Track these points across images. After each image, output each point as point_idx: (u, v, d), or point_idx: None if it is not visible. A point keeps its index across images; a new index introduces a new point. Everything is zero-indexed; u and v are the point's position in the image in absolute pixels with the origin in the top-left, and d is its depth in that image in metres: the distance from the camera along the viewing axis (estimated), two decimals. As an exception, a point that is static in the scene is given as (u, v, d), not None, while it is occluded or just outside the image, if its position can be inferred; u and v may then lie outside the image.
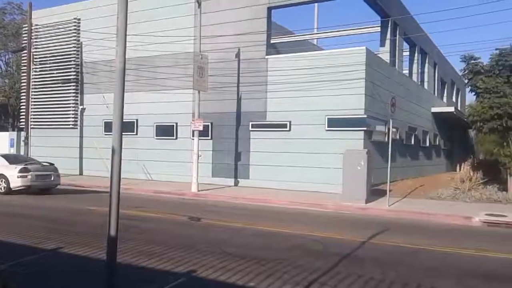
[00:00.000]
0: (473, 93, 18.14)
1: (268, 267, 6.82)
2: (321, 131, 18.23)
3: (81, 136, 25.04)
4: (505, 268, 7.19)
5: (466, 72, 17.70)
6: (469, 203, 15.72)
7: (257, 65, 19.64)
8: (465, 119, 17.87)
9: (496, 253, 8.32)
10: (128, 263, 6.93)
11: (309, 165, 18.33)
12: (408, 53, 26.05)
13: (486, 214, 12.89)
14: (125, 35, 3.87)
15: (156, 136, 22.54)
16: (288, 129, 19.05)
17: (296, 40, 25.59)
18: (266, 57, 19.62)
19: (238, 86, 20.10)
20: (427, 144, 26.77)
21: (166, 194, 17.86)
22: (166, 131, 22.17)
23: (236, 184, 20.19)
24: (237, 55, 19.98)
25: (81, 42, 24.94)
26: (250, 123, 19.86)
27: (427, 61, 27.74)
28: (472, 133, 33.21)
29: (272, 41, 21.41)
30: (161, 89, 21.80)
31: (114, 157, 3.76)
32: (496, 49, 16.86)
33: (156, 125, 22.53)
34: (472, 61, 17.44)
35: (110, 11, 21.40)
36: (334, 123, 17.97)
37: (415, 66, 26.12)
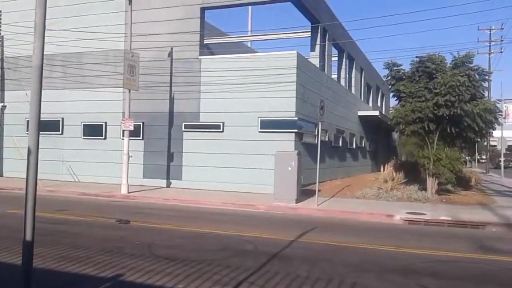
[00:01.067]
0: (396, 98, 19.20)
1: (198, 269, 6.80)
2: (254, 133, 18.45)
3: (1, 135, 23.45)
4: (422, 263, 7.68)
5: (389, 78, 18.68)
6: (392, 202, 16.61)
7: (191, 65, 19.48)
8: (389, 122, 18.85)
9: (414, 249, 8.87)
10: (51, 268, 6.61)
11: (242, 166, 18.48)
12: (336, 58, 27.08)
13: (407, 213, 13.71)
14: (44, 31, 3.70)
15: (84, 135, 21.63)
16: (221, 130, 19.07)
17: (230, 42, 25.72)
18: (200, 57, 19.52)
19: (171, 86, 19.81)
20: (354, 146, 27.95)
21: (94, 196, 17.19)
22: (94, 130, 21.34)
23: (168, 185, 19.88)
24: (170, 55, 19.70)
25: (2, 36, 23.36)
26: (183, 123, 19.65)
27: (354, 67, 29.00)
28: (395, 135, 35.12)
29: (205, 42, 21.35)
30: (90, 87, 20.94)
31: (30, 158, 3.58)
32: (416, 56, 17.98)
33: (84, 124, 21.62)
34: (395, 68, 18.45)
35: (32, 4, 20.17)
36: (267, 124, 18.25)
37: (343, 71, 27.20)
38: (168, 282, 6.11)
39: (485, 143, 47.20)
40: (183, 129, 19.68)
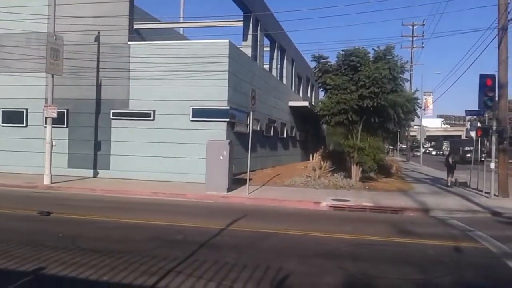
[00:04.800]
0: (323, 90, 19.83)
1: (124, 260, 6.69)
2: (185, 121, 18.27)
3: None
4: (344, 247, 8.09)
5: (317, 70, 19.25)
6: (319, 189, 17.25)
7: (119, 50, 18.83)
8: (317, 113, 19.44)
9: (338, 234, 9.31)
10: (-38, 265, 6.20)
11: (173, 155, 18.28)
12: (268, 49, 27.41)
13: (333, 199, 14.32)
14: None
15: (3, 123, 20.29)
16: (152, 118, 18.70)
17: (161, 28, 25.13)
18: (129, 42, 18.92)
19: (98, 72, 19.05)
20: (285, 135, 28.58)
21: (14, 187, 16.21)
22: (14, 117, 20.07)
23: (95, 175, 19.20)
24: (97, 39, 18.91)
25: None
26: (111, 111, 19.01)
27: (285, 58, 29.53)
28: (324, 125, 36.37)
29: (135, 27, 20.72)
30: (10, 71, 19.59)
31: None
32: (342, 50, 18.65)
33: (3, 111, 20.26)
34: (322, 60, 19.04)
35: None
36: (199, 113, 18.15)
37: (274, 61, 27.59)
38: (92, 275, 5.96)
39: (406, 133, 50.21)
40: (111, 117, 19.04)
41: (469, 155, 42.70)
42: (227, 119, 18.12)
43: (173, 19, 29.83)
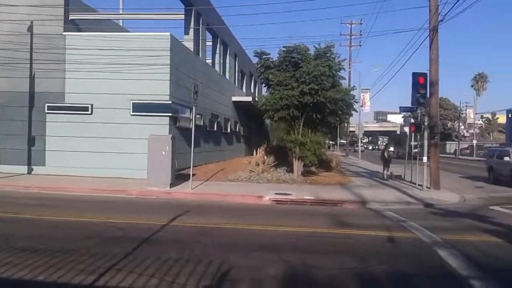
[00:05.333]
0: (265, 85, 20.05)
1: (61, 259, 6.45)
2: (126, 116, 17.82)
3: None
4: (286, 239, 8.27)
5: (259, 66, 19.42)
6: (262, 184, 17.47)
7: (54, 41, 18.00)
8: (260, 108, 19.64)
9: (280, 227, 9.49)
10: None
11: (113, 151, 17.78)
12: (211, 43, 27.24)
13: (275, 193, 14.56)
14: None
15: None
16: (89, 112, 18.07)
17: (99, 19, 24.23)
18: (64, 33, 18.14)
19: (31, 63, 18.10)
20: (229, 130, 28.60)
21: None
22: None
23: (29, 172, 18.28)
24: (30, 29, 17.94)
25: None
26: (46, 104, 18.16)
27: (228, 53, 29.47)
28: (268, 121, 36.75)
29: (71, 17, 19.86)
30: None
31: None
32: (283, 46, 18.91)
33: None
34: (264, 57, 19.22)
35: None
36: (139, 108, 17.76)
37: (217, 56, 27.48)
38: (27, 274, 5.71)
39: (345, 129, 51.87)
40: (46, 111, 18.20)
41: (416, 150, 43.61)
42: (170, 114, 17.86)
43: (113, 10, 28.83)
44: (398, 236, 8.80)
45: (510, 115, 69.16)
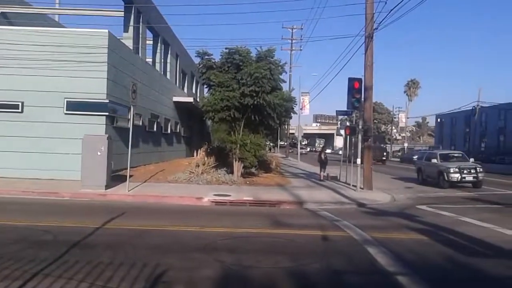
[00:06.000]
0: (206, 86, 19.97)
1: (-17, 265, 6.08)
2: (59, 115, 17.09)
3: None
4: (223, 240, 8.30)
5: (201, 66, 19.31)
6: (202, 185, 17.39)
7: (-18, 35, 16.90)
8: (202, 109, 19.54)
9: (217, 228, 9.51)
10: None
11: (45, 151, 16.99)
12: (151, 42, 26.76)
13: (214, 195, 14.56)
14: None
15: None
16: (20, 110, 17.15)
17: (33, 13, 23.05)
18: (-7, 27, 17.09)
19: (-46, 57, 16.87)
20: (169, 131, 28.20)
21: None
22: None
23: (-50, 173, 17.01)
24: (-47, 20, 16.75)
25: None
26: (-29, 101, 17.00)
27: (169, 52, 29.07)
28: (209, 122, 36.60)
29: (2, 10, 18.78)
30: None
31: None
32: (226, 48, 18.94)
33: None
34: (206, 57, 19.14)
35: None
36: (74, 106, 17.10)
37: (158, 55, 27.03)
38: None
39: (286, 131, 52.79)
40: (-28, 108, 17.04)
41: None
42: (106, 113, 17.34)
43: (48, 4, 27.46)
44: (331, 235, 9.09)
45: (439, 120, 73.69)
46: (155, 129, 24.75)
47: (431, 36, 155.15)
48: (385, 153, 46.05)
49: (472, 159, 21.63)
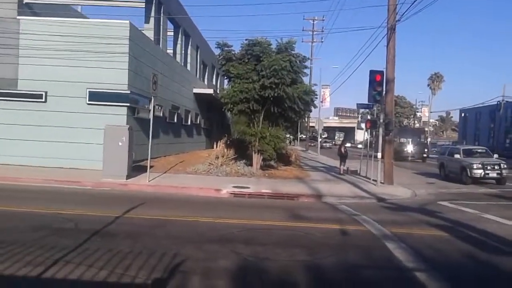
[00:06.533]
0: (226, 77, 19.98)
1: (7, 250, 6.25)
2: (82, 105, 17.35)
3: None
4: (239, 232, 8.33)
5: (220, 57, 19.33)
6: (221, 177, 17.47)
7: (7, 25, 17.25)
8: (221, 101, 19.58)
9: (235, 220, 9.56)
10: None
11: (68, 141, 17.30)
12: (172, 33, 26.85)
13: (233, 186, 14.60)
14: None
15: None
16: (44, 100, 17.48)
17: (56, 4, 23.34)
18: (18, 17, 17.41)
19: (-19, 48, 17.26)
20: (189, 122, 28.36)
21: None
22: None
23: (-23, 160, 17.48)
24: (-19, 11, 17.10)
25: None
26: (-3, 91, 17.40)
27: (190, 44, 29.13)
28: (229, 113, 36.76)
29: (26, 1, 19.06)
30: None
31: None
32: (246, 39, 18.90)
33: None
34: (226, 48, 19.14)
35: None
36: (96, 97, 17.33)
37: (179, 47, 27.12)
38: (-32, 267, 5.49)
39: (306, 124, 52.53)
40: (-3, 98, 17.43)
41: (408, 150, 38.05)
42: (128, 104, 17.53)
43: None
44: (350, 229, 9.03)
45: (463, 114, 72.23)
46: (175, 120, 24.92)
47: (455, 28, 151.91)
48: (426, 150, 40.02)
49: (496, 155, 21.10)
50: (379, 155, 17.34)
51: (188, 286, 5.30)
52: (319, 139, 48.33)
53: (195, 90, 29.50)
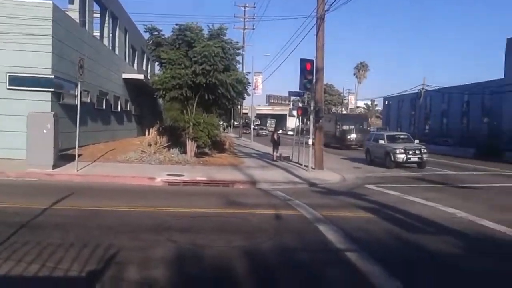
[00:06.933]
0: (157, 63, 19.47)
1: None
2: (1, 90, 16.17)
3: None
4: (175, 220, 8.27)
5: (150, 42, 18.79)
6: (154, 165, 17.15)
7: None
8: (152, 87, 19.10)
9: (170, 208, 9.47)
10: None
11: (-14, 128, 16.07)
12: (99, 15, 25.65)
13: (167, 175, 14.41)
14: None
15: None
16: (-44, 85, 16.06)
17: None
18: None
19: None
20: (119, 109, 27.40)
21: None
22: None
23: None
24: None
25: None
26: None
27: (118, 27, 28.00)
28: (161, 100, 35.95)
29: None
30: None
31: None
32: (176, 24, 18.47)
33: None
34: (155, 33, 18.61)
35: None
36: (18, 81, 16.25)
37: (106, 30, 25.99)
38: None
39: (239, 111, 52.76)
40: None
41: (351, 137, 36.57)
42: (52, 89, 16.58)
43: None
44: (284, 214, 9.30)
45: (386, 102, 76.12)
46: (104, 106, 23.95)
47: (381, 20, 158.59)
48: None
49: (417, 141, 22.54)
50: (310, 141, 17.88)
51: (125, 277, 5.21)
52: (252, 126, 48.79)
53: (125, 76, 28.49)
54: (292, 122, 67.66)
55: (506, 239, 7.70)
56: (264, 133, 68.59)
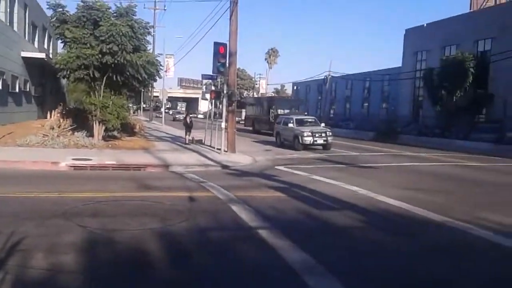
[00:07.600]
0: (61, 41, 18.29)
1: None
2: None
3: None
4: (85, 205, 7.95)
5: (53, 19, 17.55)
6: (58, 149, 16.23)
7: None
8: (55, 67, 17.91)
9: (78, 193, 9.09)
10: None
11: None
12: (-6, -12, 23.40)
13: (73, 159, 13.74)
14: None
15: None
16: None
17: None
18: None
19: None
20: (17, 90, 25.35)
21: None
22: None
23: None
24: None
25: None
26: None
27: (16, 2, 25.76)
28: (64, 81, 33.79)
29: None
30: None
31: None
32: (82, 1, 17.41)
33: None
34: (59, 9, 17.38)
35: None
36: None
37: (3, 4, 23.78)
38: None
39: (150, 94, 51.38)
40: None
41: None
42: None
43: None
44: (198, 195, 9.38)
45: (295, 87, 78.74)
46: (0, 87, 22.04)
47: (292, 7, 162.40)
48: None
49: (323, 124, 23.75)
50: (223, 124, 18.05)
51: (31, 264, 4.98)
52: (163, 109, 47.83)
53: (24, 54, 26.33)
54: (204, 106, 67.38)
55: (400, 213, 8.51)
56: (181, 118, 67.47)
